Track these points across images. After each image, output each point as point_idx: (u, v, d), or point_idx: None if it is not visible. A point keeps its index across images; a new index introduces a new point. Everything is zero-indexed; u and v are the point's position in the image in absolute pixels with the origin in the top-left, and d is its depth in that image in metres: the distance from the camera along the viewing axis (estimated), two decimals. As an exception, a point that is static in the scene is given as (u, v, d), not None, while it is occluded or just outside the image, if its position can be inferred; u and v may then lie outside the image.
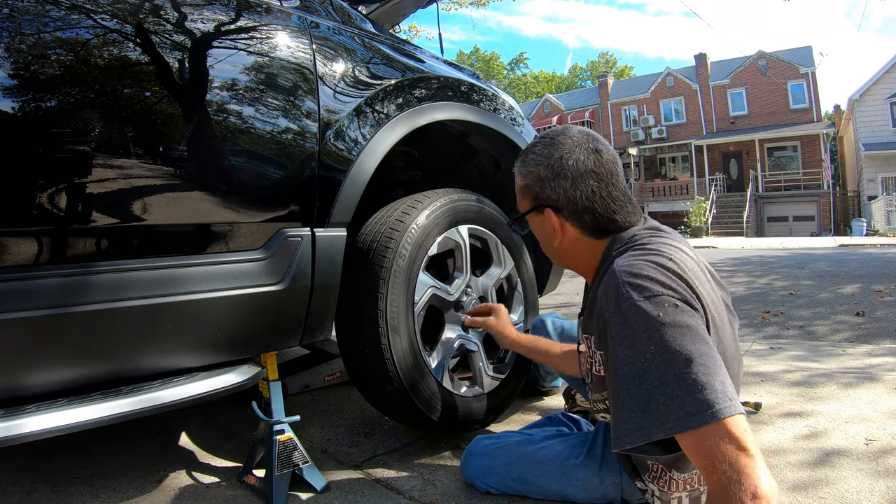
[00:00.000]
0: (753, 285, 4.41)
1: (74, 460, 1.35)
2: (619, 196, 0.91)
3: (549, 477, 1.10)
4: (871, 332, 2.70)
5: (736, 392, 0.72)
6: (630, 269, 0.78)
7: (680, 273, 0.78)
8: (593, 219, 0.90)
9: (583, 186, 0.89)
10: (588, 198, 0.89)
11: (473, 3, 9.23)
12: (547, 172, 0.91)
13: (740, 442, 0.66)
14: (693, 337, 0.71)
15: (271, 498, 1.11)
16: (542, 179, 0.91)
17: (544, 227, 0.95)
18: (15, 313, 0.81)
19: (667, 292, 0.74)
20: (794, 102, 20.00)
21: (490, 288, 1.51)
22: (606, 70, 36.27)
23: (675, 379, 0.69)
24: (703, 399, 0.67)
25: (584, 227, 0.91)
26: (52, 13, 0.86)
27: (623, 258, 0.82)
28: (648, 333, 0.72)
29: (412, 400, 1.27)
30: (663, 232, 0.91)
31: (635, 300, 0.74)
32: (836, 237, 12.85)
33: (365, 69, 1.30)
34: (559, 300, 4.10)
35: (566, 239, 0.93)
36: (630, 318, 0.74)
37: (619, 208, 0.90)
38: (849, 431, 1.33)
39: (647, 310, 0.73)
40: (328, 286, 1.18)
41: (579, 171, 0.89)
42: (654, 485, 0.95)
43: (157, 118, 0.96)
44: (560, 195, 0.90)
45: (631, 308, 0.74)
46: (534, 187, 0.93)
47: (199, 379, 1.02)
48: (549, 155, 0.91)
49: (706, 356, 0.70)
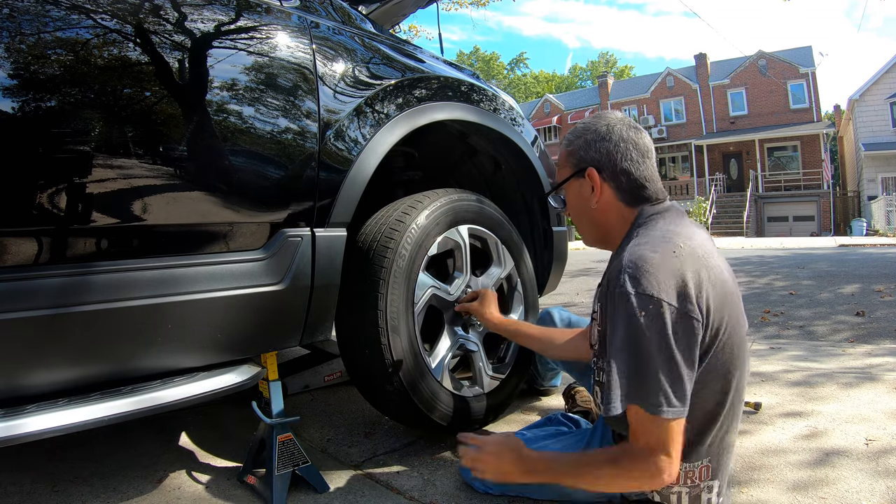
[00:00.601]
0: (753, 285, 4.41)
1: (74, 460, 1.36)
2: (652, 168, 1.01)
3: None
4: (871, 332, 2.70)
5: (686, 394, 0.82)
6: (634, 260, 0.85)
7: (678, 271, 0.83)
8: (628, 181, 0.99)
9: (623, 149, 0.99)
10: (627, 160, 0.99)
11: (473, 3, 9.24)
12: (593, 136, 1.01)
13: (665, 444, 0.82)
14: (664, 346, 0.81)
15: (271, 498, 1.11)
16: (588, 142, 1.02)
17: (582, 191, 1.03)
18: (15, 313, 0.81)
19: (657, 293, 0.82)
20: (794, 102, 19.99)
21: (490, 288, 1.51)
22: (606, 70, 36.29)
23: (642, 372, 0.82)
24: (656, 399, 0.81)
25: (619, 189, 1.00)
26: (52, 13, 0.86)
27: (640, 239, 0.90)
28: (631, 325, 0.82)
29: (412, 400, 1.27)
30: (683, 216, 0.97)
31: (628, 292, 0.83)
32: (836, 237, 12.85)
33: (365, 69, 1.30)
34: (559, 300, 4.11)
35: (602, 200, 1.01)
36: (620, 305, 0.84)
37: (651, 177, 1.00)
38: (849, 431, 1.33)
39: (635, 305, 0.82)
40: (328, 286, 1.18)
41: (622, 136, 1.00)
42: None
43: (157, 118, 0.96)
44: (603, 155, 1.00)
45: (622, 297, 0.84)
46: (579, 151, 1.03)
47: (199, 379, 1.02)
48: (597, 123, 1.03)
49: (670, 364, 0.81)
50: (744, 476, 1.16)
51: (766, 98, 20.36)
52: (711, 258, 0.89)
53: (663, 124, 22.68)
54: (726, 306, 0.87)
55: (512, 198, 1.86)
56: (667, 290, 0.82)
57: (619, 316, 0.84)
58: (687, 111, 22.30)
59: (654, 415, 0.81)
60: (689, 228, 0.93)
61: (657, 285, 0.82)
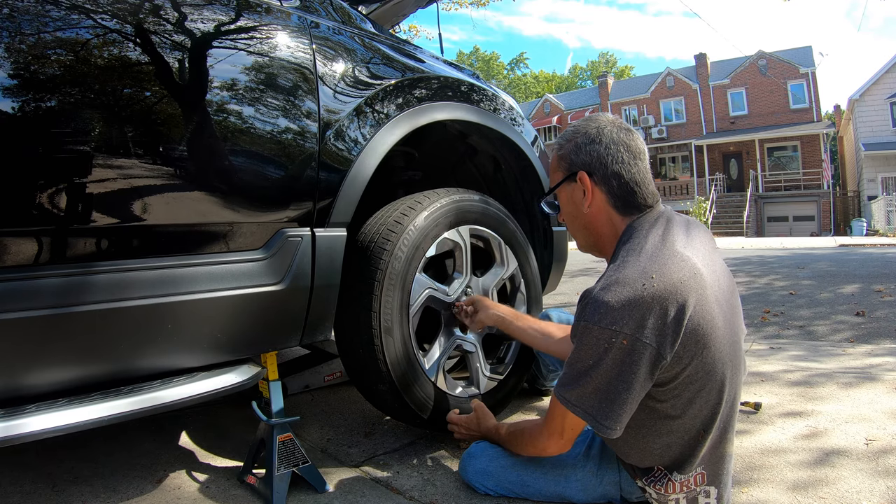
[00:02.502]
0: (753, 285, 4.41)
1: (74, 460, 1.35)
2: (643, 171, 1.00)
3: (547, 479, 1.10)
4: (871, 332, 2.70)
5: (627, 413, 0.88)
6: (601, 294, 0.86)
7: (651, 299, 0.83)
8: (619, 185, 0.98)
9: (614, 151, 0.99)
10: (618, 162, 0.98)
11: (473, 3, 9.23)
12: (584, 139, 1.01)
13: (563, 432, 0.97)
14: (617, 375, 0.85)
15: (271, 498, 1.11)
16: (579, 146, 1.01)
17: (574, 195, 1.03)
18: (15, 313, 0.81)
19: (620, 329, 0.83)
20: (794, 102, 19.99)
21: (491, 288, 1.51)
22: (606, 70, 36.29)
23: (588, 390, 0.88)
24: (590, 409, 0.88)
25: (610, 194, 0.99)
26: (52, 13, 0.86)
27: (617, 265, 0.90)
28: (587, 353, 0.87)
29: (405, 400, 1.27)
30: (668, 231, 0.93)
31: (590, 324, 0.86)
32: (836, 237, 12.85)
33: (365, 69, 1.30)
34: (559, 300, 4.10)
35: (594, 205, 1.01)
36: (582, 333, 0.88)
37: (642, 181, 0.99)
38: (849, 431, 1.33)
39: (593, 340, 0.86)
40: (328, 286, 1.18)
41: (612, 139, 0.99)
42: (652, 488, 0.96)
43: (157, 118, 0.96)
44: (593, 158, 0.99)
45: (585, 329, 0.87)
46: (569, 155, 1.02)
47: (199, 379, 1.02)
48: (587, 126, 1.03)
49: (614, 393, 0.86)
50: (744, 476, 1.16)
51: (766, 98, 20.36)
52: (693, 277, 0.86)
53: (663, 124, 22.68)
54: (707, 323, 0.86)
55: (512, 198, 1.86)
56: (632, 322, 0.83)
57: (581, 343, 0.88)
58: (687, 111, 22.30)
59: (579, 419, 0.91)
60: (675, 244, 0.90)
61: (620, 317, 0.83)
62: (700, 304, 0.85)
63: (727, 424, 0.93)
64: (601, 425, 0.88)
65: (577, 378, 0.89)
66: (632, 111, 23.82)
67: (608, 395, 0.86)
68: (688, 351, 0.85)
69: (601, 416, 0.87)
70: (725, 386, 0.90)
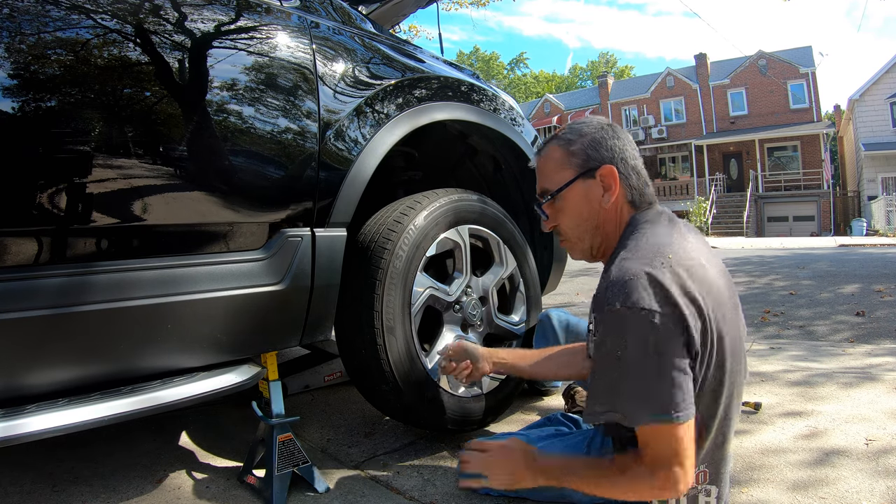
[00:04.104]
0: (753, 285, 4.41)
1: (74, 460, 1.35)
2: (645, 171, 1.00)
3: None
4: (871, 332, 2.70)
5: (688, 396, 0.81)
6: (622, 276, 0.83)
7: (669, 281, 0.81)
8: (637, 179, 0.97)
9: (630, 149, 0.98)
10: (635, 158, 0.98)
11: (473, 3, 9.23)
12: (602, 133, 0.97)
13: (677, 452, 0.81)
14: (653, 358, 0.79)
15: (271, 498, 1.11)
16: (598, 140, 0.97)
17: (590, 192, 0.97)
18: (15, 313, 0.81)
19: (648, 306, 0.79)
20: (794, 102, 19.99)
21: (491, 288, 1.51)
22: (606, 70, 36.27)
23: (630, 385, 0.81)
24: (645, 410, 0.80)
25: (630, 188, 0.97)
26: (52, 13, 0.86)
27: (624, 257, 0.86)
28: (619, 340, 0.81)
29: (408, 400, 1.27)
30: (673, 224, 0.94)
31: (616, 308, 0.81)
32: (836, 237, 12.85)
33: (365, 69, 1.30)
34: (559, 300, 4.11)
35: (616, 200, 0.97)
36: (608, 320, 0.82)
37: (648, 179, 0.99)
38: (849, 431, 1.33)
39: (622, 322, 0.80)
40: (328, 286, 1.18)
41: (622, 136, 0.98)
42: None
43: (158, 118, 0.96)
44: (615, 152, 0.96)
45: (611, 314, 0.81)
46: (586, 150, 0.97)
47: (199, 379, 1.02)
48: (594, 124, 0.99)
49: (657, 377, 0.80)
50: (744, 476, 1.16)
51: (766, 98, 20.35)
52: (702, 268, 0.86)
53: (663, 124, 22.67)
54: (719, 314, 0.85)
55: (512, 198, 1.86)
56: (656, 301, 0.80)
57: (611, 331, 0.82)
58: (687, 111, 22.29)
59: (661, 423, 0.79)
60: (679, 236, 0.90)
61: (646, 297, 0.80)
62: (710, 293, 0.85)
63: (730, 423, 0.93)
64: (684, 412, 0.79)
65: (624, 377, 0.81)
66: (632, 111, 23.81)
67: (666, 377, 0.79)
68: (708, 338, 0.83)
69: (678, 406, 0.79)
70: (732, 383, 0.89)
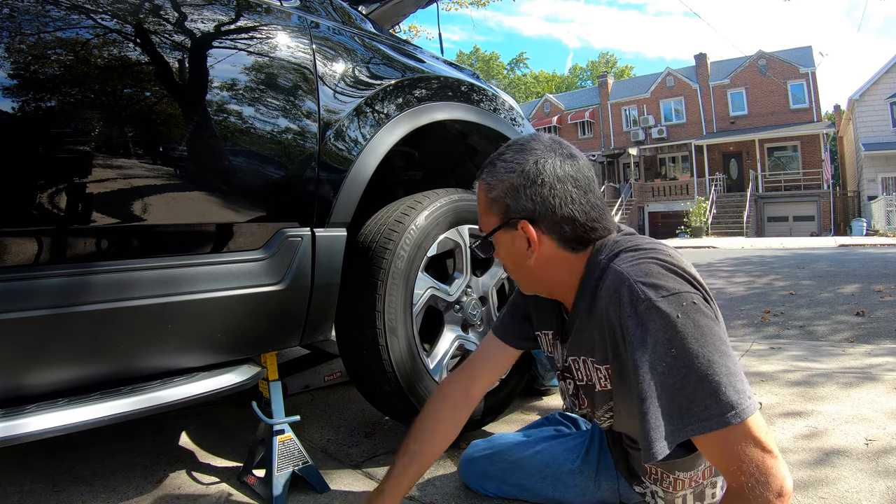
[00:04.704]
0: (753, 285, 4.41)
1: (74, 460, 1.35)
2: (598, 203, 0.85)
3: (545, 483, 1.09)
4: (871, 332, 2.70)
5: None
6: (639, 269, 0.74)
7: (687, 270, 0.76)
8: (573, 228, 0.83)
9: (562, 193, 0.82)
10: (568, 205, 0.82)
11: (473, 3, 9.23)
12: (521, 180, 0.83)
13: (764, 444, 0.67)
14: (712, 337, 0.70)
15: (271, 498, 1.11)
16: (517, 188, 0.83)
17: (514, 244, 0.86)
18: (15, 313, 0.81)
19: (683, 289, 0.72)
20: (794, 102, 19.99)
21: (491, 288, 1.51)
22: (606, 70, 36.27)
23: (696, 381, 0.68)
24: (726, 401, 0.67)
25: (562, 240, 0.84)
26: (52, 13, 0.86)
27: (622, 262, 0.78)
28: (669, 335, 0.70)
29: (410, 401, 1.27)
30: (644, 237, 0.88)
31: (654, 300, 0.71)
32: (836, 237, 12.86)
33: (365, 69, 1.30)
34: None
35: (541, 255, 0.85)
36: (648, 319, 0.71)
37: (600, 216, 0.84)
38: (849, 431, 1.33)
39: (665, 310, 0.70)
40: (328, 286, 1.18)
41: (557, 176, 0.82)
42: (658, 486, 0.95)
43: (158, 118, 0.96)
44: (537, 204, 0.82)
45: (650, 309, 0.71)
46: (505, 199, 0.84)
47: (199, 379, 1.02)
48: (523, 161, 0.83)
49: (725, 356, 0.69)
50: (744, 476, 1.16)
51: (766, 98, 20.36)
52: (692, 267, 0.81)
53: (663, 124, 22.68)
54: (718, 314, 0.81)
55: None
56: (687, 284, 0.74)
57: (652, 333, 0.71)
58: (687, 111, 22.30)
59: (740, 422, 0.66)
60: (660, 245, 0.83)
61: (676, 282, 0.73)
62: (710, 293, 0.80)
63: None
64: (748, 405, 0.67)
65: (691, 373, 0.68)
66: (632, 111, 23.82)
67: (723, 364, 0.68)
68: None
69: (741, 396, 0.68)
70: None
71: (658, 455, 0.69)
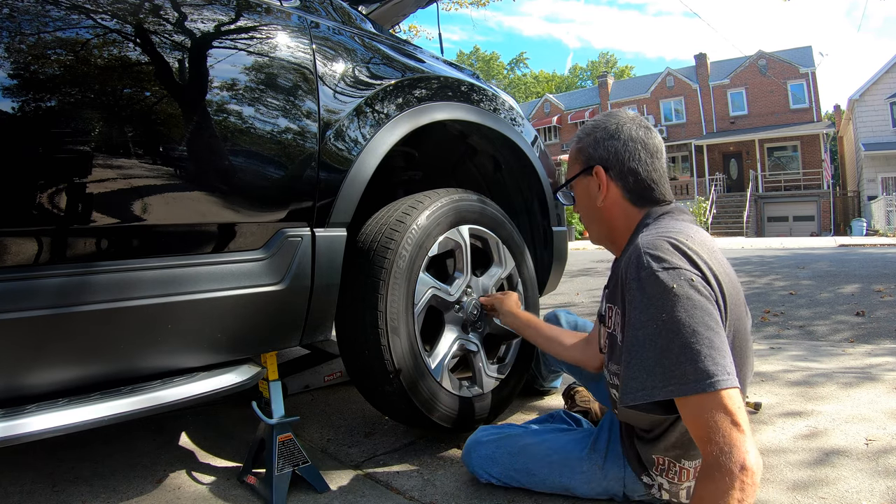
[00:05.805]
0: (753, 285, 4.41)
1: (74, 460, 1.36)
2: (660, 169, 1.01)
3: (552, 468, 1.10)
4: (871, 332, 2.70)
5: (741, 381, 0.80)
6: (651, 243, 0.84)
7: (697, 253, 0.83)
8: (636, 181, 0.99)
9: (632, 149, 0.99)
10: (635, 160, 0.99)
11: (473, 3, 9.22)
12: (603, 134, 1.02)
13: (734, 418, 0.73)
14: (702, 312, 0.77)
15: (271, 498, 1.11)
16: (598, 140, 1.02)
17: (589, 188, 1.04)
18: (15, 313, 0.81)
19: (684, 266, 0.80)
20: (794, 102, 20.00)
21: (490, 288, 1.51)
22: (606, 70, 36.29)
23: (680, 347, 0.76)
24: (704, 370, 0.74)
25: (626, 189, 1.00)
26: (52, 13, 0.86)
27: (648, 232, 0.89)
28: (662, 301, 0.78)
29: (412, 401, 1.27)
30: (684, 220, 0.96)
31: (654, 269, 0.80)
32: (836, 237, 12.85)
33: (365, 69, 1.30)
34: (559, 300, 4.11)
35: (609, 199, 1.01)
36: (647, 285, 0.81)
37: (659, 179, 1.00)
38: (849, 431, 1.33)
39: (663, 279, 0.79)
40: (328, 286, 1.18)
41: (631, 136, 1.00)
42: (664, 477, 0.96)
43: (158, 118, 0.96)
44: (611, 154, 1.00)
45: (649, 277, 0.81)
46: (587, 149, 1.03)
47: (199, 379, 1.02)
48: (607, 121, 1.03)
49: (712, 331, 0.76)
50: (744, 476, 1.16)
51: (766, 98, 20.36)
52: (719, 254, 0.88)
53: (663, 124, 22.68)
54: (732, 304, 0.85)
55: (512, 198, 1.86)
56: (690, 264, 0.81)
57: (648, 296, 0.80)
58: (687, 111, 22.31)
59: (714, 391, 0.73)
60: (695, 227, 0.93)
61: (680, 260, 0.81)
62: (727, 280, 0.84)
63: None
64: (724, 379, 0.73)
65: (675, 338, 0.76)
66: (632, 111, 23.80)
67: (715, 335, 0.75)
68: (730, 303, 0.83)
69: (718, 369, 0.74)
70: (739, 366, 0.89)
71: (630, 400, 0.79)
